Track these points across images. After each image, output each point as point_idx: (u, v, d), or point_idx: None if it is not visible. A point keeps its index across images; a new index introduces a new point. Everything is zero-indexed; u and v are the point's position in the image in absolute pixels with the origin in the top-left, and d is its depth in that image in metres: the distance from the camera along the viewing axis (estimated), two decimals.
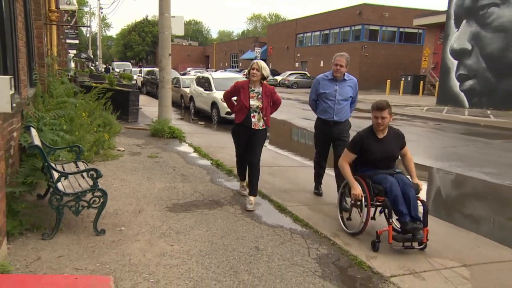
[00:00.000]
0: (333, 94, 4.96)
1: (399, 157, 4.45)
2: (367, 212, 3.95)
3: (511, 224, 5.25)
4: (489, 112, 17.89)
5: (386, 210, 3.90)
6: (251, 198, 5.04)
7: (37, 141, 4.38)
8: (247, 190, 5.32)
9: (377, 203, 4.07)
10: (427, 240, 3.79)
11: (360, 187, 4.07)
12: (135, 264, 3.50)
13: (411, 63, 30.15)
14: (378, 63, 35.77)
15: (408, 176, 4.20)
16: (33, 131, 4.63)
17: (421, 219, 3.77)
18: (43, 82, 7.74)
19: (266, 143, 7.73)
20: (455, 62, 20.57)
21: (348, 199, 4.55)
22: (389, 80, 28.94)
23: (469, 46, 19.82)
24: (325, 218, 4.83)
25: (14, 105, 3.64)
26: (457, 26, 20.47)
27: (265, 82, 5.15)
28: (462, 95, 20.23)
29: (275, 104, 5.15)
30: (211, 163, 7.66)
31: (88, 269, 3.39)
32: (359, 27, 34.97)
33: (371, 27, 34.35)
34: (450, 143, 11.25)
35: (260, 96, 4.90)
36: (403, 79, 29.07)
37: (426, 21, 27.85)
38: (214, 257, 3.73)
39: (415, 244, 3.82)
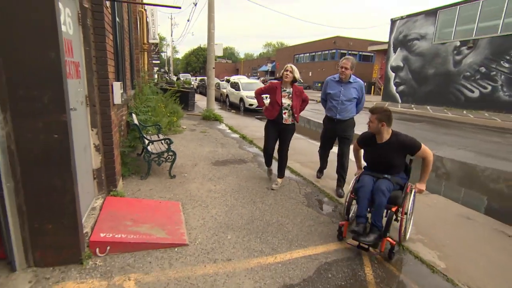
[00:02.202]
0: (338, 94, 3.92)
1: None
2: (348, 197, 2.95)
3: (418, 175, 5.37)
4: (413, 106, 18.44)
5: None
6: (279, 180, 4.26)
7: (136, 121, 4.65)
8: (273, 174, 4.52)
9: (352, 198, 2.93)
10: (392, 252, 2.62)
11: (359, 172, 3.15)
12: (193, 196, 3.74)
13: (366, 75, 30.60)
14: None
15: (391, 184, 2.76)
16: (134, 115, 4.82)
17: (381, 227, 2.62)
18: (139, 87, 7.90)
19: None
20: (393, 74, 21.34)
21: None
22: None
23: (401, 64, 20.59)
24: (310, 171, 4.89)
25: (123, 99, 3.88)
26: (395, 51, 21.11)
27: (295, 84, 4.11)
28: (397, 95, 20.95)
29: (304, 101, 4.18)
30: (239, 136, 7.63)
31: (166, 197, 3.65)
32: (334, 50, 35.73)
33: (342, 51, 35.13)
34: (392, 125, 11.23)
35: (291, 95, 4.00)
36: None
37: (376, 48, 29.21)
38: (240, 193, 3.91)
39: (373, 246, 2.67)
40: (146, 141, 4.24)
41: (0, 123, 1.90)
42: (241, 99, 13.66)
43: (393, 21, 21.35)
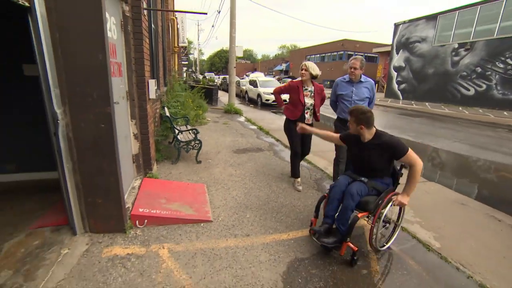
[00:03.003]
0: (350, 95, 3.35)
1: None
2: (321, 196, 2.51)
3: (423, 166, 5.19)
4: (413, 102, 17.63)
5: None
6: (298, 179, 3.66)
7: (168, 114, 4.75)
8: (301, 186, 3.61)
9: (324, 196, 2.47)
10: (353, 258, 2.17)
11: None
12: (216, 179, 3.76)
13: (371, 74, 29.40)
14: None
15: (366, 188, 2.26)
16: (166, 109, 4.91)
17: (343, 231, 2.17)
18: (170, 84, 7.94)
19: None
20: (396, 73, 20.36)
21: None
22: None
23: (403, 64, 19.61)
24: (320, 160, 4.80)
25: (157, 94, 3.96)
26: (397, 53, 20.13)
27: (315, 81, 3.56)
28: (399, 92, 19.99)
29: (323, 100, 3.71)
30: (257, 127, 7.56)
31: (193, 179, 3.69)
32: (342, 52, 34.24)
33: (349, 52, 33.71)
34: (391, 119, 10.69)
35: (312, 94, 3.50)
36: None
37: (380, 49, 28.04)
38: (258, 177, 3.90)
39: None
40: (176, 131, 4.30)
41: (61, 114, 1.97)
42: (259, 95, 13.54)
43: (396, 25, 20.41)
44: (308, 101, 3.50)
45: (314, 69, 3.43)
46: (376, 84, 27.61)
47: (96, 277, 1.91)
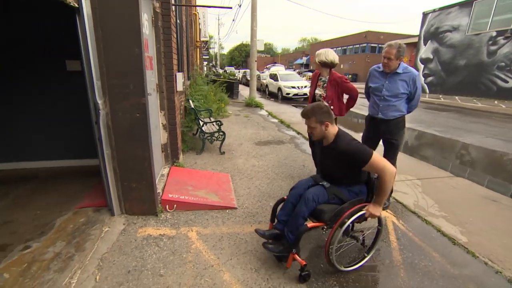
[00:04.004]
0: (380, 89, 2.75)
1: None
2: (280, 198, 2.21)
3: (446, 159, 4.99)
4: (441, 96, 16.65)
5: None
6: None
7: (192, 106, 4.95)
8: None
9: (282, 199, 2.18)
10: (300, 274, 1.89)
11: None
12: (239, 169, 3.87)
13: None
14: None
15: (326, 194, 1.93)
16: (190, 101, 5.12)
17: (291, 240, 1.89)
18: (193, 78, 8.13)
19: None
20: (422, 65, 19.26)
21: None
22: None
23: (431, 56, 18.52)
24: None
25: (184, 87, 4.17)
26: (425, 44, 19.04)
27: (333, 70, 3.14)
28: (425, 85, 18.81)
29: (349, 94, 3.12)
30: (278, 120, 7.57)
31: (217, 169, 3.82)
32: (365, 44, 32.63)
33: (372, 45, 32.11)
34: (415, 113, 10.31)
35: (325, 85, 3.11)
36: None
37: (405, 41, 26.23)
38: (280, 168, 3.95)
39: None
40: (201, 123, 4.46)
41: (102, 105, 2.15)
42: (279, 89, 13.50)
43: (424, 14, 19.28)
44: (318, 92, 3.15)
45: (320, 55, 3.01)
46: None
47: (133, 253, 2.10)
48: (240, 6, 19.48)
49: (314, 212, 1.89)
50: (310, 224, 1.88)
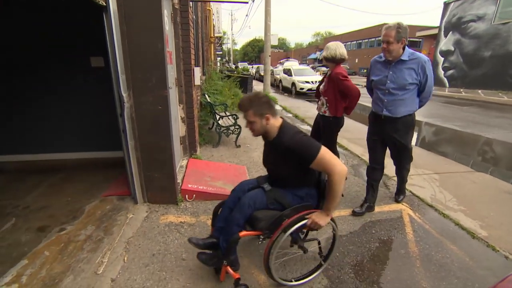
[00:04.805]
0: (384, 81, 2.35)
1: None
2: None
3: (464, 154, 4.85)
4: (461, 90, 15.93)
5: None
6: None
7: (209, 100, 5.07)
8: None
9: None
10: (235, 286, 1.64)
11: None
12: (255, 162, 3.93)
13: None
14: None
15: (264, 199, 1.67)
16: (206, 96, 5.27)
17: (223, 251, 1.64)
18: (208, 73, 8.29)
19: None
20: (442, 58, 18.42)
21: None
22: None
23: (452, 48, 17.63)
24: (356, 147, 4.73)
25: (200, 81, 4.27)
26: (445, 35, 18.18)
27: (340, 65, 2.77)
28: (445, 79, 18.07)
29: (347, 94, 2.70)
30: (292, 115, 7.60)
31: (234, 162, 3.91)
32: (380, 38, 31.67)
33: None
34: (434, 108, 9.88)
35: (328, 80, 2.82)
36: None
37: (424, 33, 25.14)
38: None
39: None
40: (218, 116, 4.56)
41: (126, 98, 2.28)
42: (293, 84, 13.47)
43: (446, 4, 18.45)
44: (322, 87, 2.94)
45: (329, 49, 2.71)
46: None
47: (157, 238, 2.23)
48: (253, 1, 19.49)
49: (250, 219, 1.63)
50: (243, 233, 1.60)
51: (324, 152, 1.51)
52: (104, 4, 1.98)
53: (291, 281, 1.77)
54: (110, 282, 1.75)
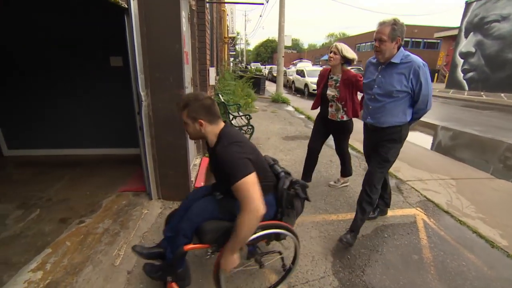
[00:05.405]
0: (371, 85, 2.11)
1: None
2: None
3: (484, 160, 4.66)
4: (482, 93, 15.20)
5: None
6: (340, 178, 3.27)
7: (223, 100, 5.13)
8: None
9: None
10: None
11: None
12: None
13: (430, 63, 26.18)
14: None
15: (217, 209, 1.51)
16: (220, 95, 5.35)
17: (169, 263, 1.52)
18: (222, 73, 8.45)
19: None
20: (462, 60, 17.77)
21: None
22: None
23: (473, 50, 16.93)
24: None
25: (215, 81, 4.33)
26: (466, 36, 17.50)
27: (348, 68, 2.74)
28: (464, 82, 17.45)
29: (356, 91, 2.71)
30: (304, 116, 7.57)
31: None
32: None
33: (404, 39, 30.14)
34: (451, 111, 9.52)
35: (338, 84, 2.72)
36: None
37: (443, 34, 24.18)
38: None
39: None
40: (231, 116, 4.61)
41: (144, 96, 2.35)
42: (306, 85, 13.42)
43: (468, 3, 17.77)
44: (331, 92, 2.78)
45: (349, 51, 2.64)
46: (436, 74, 24.65)
47: None
48: (267, 2, 19.51)
49: (197, 230, 1.47)
50: (189, 246, 1.44)
51: (249, 181, 1.25)
52: (126, 6, 2.05)
53: None
54: (126, 274, 1.81)
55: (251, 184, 1.26)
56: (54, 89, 3.62)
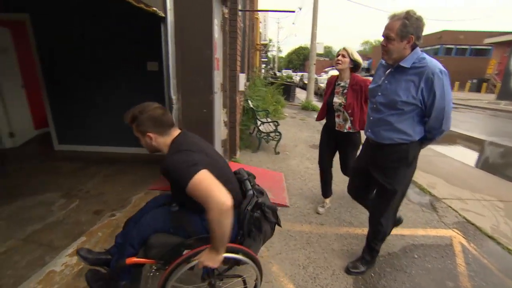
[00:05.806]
0: (376, 92, 1.70)
1: None
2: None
3: None
4: None
5: None
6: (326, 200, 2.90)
7: (252, 106, 5.18)
8: (323, 208, 2.82)
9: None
10: None
11: None
12: (293, 170, 3.91)
13: (478, 71, 23.82)
14: (450, 71, 27.59)
15: (169, 222, 1.39)
16: (249, 101, 5.40)
17: (112, 272, 1.43)
18: (252, 79, 8.62)
19: None
20: None
21: None
22: (457, 82, 23.43)
23: None
24: None
25: (244, 87, 4.41)
26: None
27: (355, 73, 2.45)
28: None
29: (365, 99, 2.37)
30: None
31: (272, 168, 3.93)
32: (438, 46, 27.61)
33: (447, 46, 26.93)
34: (503, 125, 8.58)
35: (345, 91, 2.42)
36: (469, 81, 23.60)
37: (495, 40, 21.37)
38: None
39: None
40: (259, 122, 4.65)
41: (175, 100, 2.46)
42: None
43: None
44: (337, 100, 2.46)
45: (356, 54, 2.44)
46: (484, 83, 22.54)
47: None
48: (300, 9, 19.51)
49: (146, 243, 1.35)
50: (131, 259, 1.32)
51: (200, 177, 1.14)
52: (164, 15, 2.18)
53: None
54: (149, 268, 1.89)
55: (203, 179, 1.14)
56: (98, 91, 3.95)
